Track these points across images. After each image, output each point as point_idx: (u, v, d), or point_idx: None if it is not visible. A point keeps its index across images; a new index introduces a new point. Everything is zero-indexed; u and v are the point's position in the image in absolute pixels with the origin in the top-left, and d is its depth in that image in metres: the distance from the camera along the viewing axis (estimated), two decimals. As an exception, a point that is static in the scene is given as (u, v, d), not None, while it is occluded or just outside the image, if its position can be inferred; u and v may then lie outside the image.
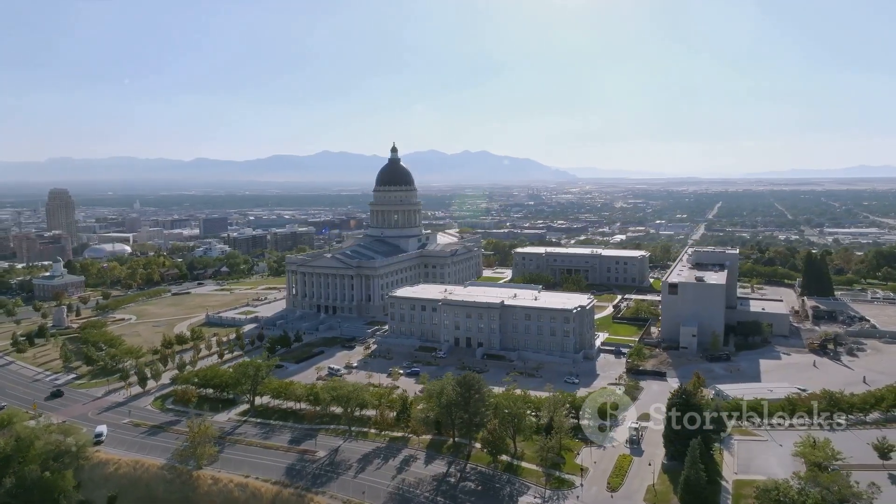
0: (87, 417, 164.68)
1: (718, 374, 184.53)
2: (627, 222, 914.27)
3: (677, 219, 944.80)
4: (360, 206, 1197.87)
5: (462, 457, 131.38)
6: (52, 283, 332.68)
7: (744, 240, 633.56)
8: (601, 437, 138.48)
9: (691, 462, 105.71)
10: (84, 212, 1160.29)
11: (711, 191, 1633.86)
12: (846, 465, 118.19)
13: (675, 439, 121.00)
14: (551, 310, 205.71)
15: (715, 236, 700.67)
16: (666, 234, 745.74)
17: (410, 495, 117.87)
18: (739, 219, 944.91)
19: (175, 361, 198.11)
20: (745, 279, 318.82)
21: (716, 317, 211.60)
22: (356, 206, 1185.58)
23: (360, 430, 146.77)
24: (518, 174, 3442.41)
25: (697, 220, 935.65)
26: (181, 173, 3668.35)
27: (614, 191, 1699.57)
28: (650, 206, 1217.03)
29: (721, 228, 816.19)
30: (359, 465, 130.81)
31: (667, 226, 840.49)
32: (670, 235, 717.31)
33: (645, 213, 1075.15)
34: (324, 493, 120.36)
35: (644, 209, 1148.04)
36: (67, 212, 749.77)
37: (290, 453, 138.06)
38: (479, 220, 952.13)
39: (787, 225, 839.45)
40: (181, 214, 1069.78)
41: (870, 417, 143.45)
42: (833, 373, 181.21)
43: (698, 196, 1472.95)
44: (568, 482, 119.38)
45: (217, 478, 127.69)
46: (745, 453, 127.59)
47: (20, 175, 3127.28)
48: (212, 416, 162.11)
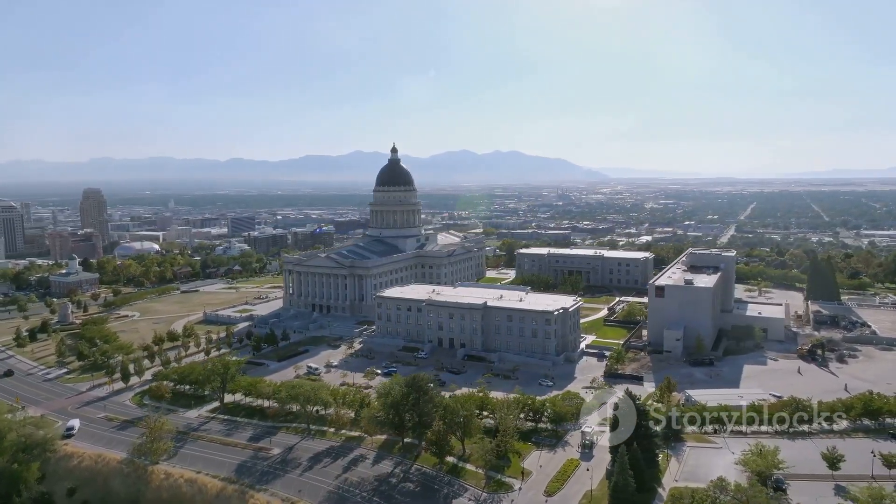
0: (66, 411, 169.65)
1: (698, 378, 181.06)
2: (656, 223, 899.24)
3: (708, 220, 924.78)
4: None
5: (411, 458, 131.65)
6: (67, 280, 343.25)
7: (773, 242, 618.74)
8: (555, 440, 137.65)
9: (620, 468, 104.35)
10: (120, 210, 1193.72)
11: (747, 191, 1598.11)
12: (791, 474, 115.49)
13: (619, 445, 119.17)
14: (533, 311, 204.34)
15: (744, 238, 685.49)
16: (694, 235, 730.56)
17: (349, 495, 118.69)
18: (773, 220, 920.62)
19: (161, 358, 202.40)
20: (753, 282, 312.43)
21: (703, 320, 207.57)
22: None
23: (320, 429, 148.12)
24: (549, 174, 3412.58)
25: (728, 221, 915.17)
26: (217, 173, 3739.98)
27: (646, 191, 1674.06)
28: (681, 206, 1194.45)
29: (752, 230, 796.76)
30: (308, 463, 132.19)
31: (696, 227, 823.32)
32: (698, 237, 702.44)
33: (675, 213, 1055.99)
34: (266, 490, 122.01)
35: (674, 210, 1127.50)
36: (100, 210, 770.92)
37: (246, 450, 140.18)
38: (503, 220, 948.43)
39: (822, 227, 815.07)
40: (212, 213, 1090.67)
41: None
42: (816, 380, 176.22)
43: (732, 197, 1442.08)
44: (507, 485, 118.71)
45: (170, 473, 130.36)
46: (694, 461, 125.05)
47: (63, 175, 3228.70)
48: (184, 412, 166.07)
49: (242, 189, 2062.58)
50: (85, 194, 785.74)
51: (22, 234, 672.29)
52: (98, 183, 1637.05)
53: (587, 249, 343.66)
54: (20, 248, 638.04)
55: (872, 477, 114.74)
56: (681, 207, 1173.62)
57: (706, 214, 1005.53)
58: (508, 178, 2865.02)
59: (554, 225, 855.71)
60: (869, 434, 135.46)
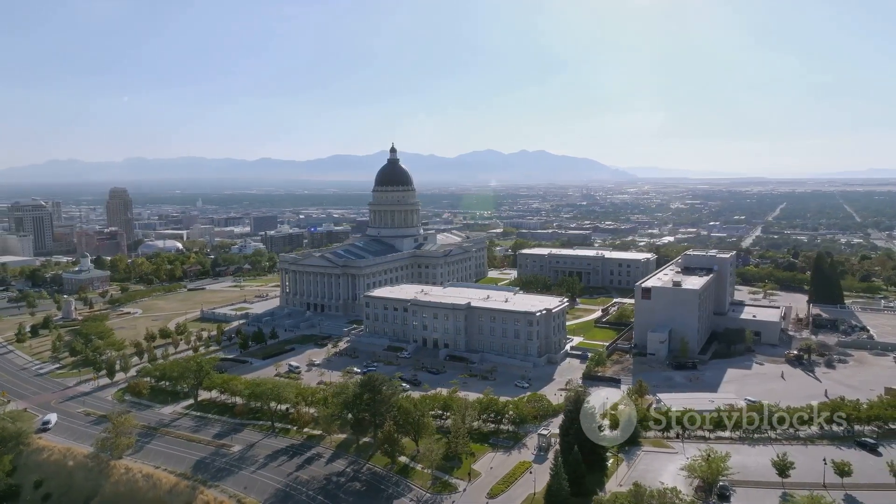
0: (49, 405, 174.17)
1: (678, 382, 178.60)
2: (680, 224, 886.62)
3: (734, 220, 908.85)
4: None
5: (365, 457, 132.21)
6: (79, 278, 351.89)
7: (800, 243, 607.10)
8: (513, 442, 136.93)
9: (554, 472, 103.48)
10: (150, 209, 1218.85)
11: (777, 191, 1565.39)
12: (740, 480, 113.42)
13: (567, 448, 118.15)
14: (515, 312, 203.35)
15: (769, 239, 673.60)
16: (718, 236, 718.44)
17: (295, 492, 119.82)
18: (801, 221, 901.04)
19: (149, 355, 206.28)
20: (759, 284, 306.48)
21: (690, 323, 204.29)
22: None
23: (285, 427, 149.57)
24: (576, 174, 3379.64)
25: (755, 221, 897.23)
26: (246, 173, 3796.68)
27: (674, 191, 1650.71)
28: (708, 207, 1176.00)
29: (779, 231, 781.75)
30: (265, 460, 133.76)
31: (721, 227, 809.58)
32: (722, 238, 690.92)
33: (701, 214, 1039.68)
34: (217, 486, 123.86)
35: (700, 210, 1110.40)
36: (126, 209, 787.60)
37: (209, 447, 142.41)
38: (525, 220, 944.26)
39: (853, 228, 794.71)
40: (238, 213, 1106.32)
41: (804, 433, 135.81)
42: (798, 385, 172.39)
43: (762, 197, 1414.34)
44: (452, 486, 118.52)
45: (130, 467, 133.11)
46: (645, 465, 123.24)
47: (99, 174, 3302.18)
48: (160, 408, 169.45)
49: (270, 188, 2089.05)
50: (111, 193, 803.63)
51: (51, 232, 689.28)
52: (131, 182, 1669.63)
53: (588, 250, 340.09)
54: (49, 246, 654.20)
55: (824, 485, 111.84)
56: (707, 208, 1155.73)
57: (733, 215, 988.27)
58: (534, 178, 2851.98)
59: (575, 225, 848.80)
60: (834, 441, 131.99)
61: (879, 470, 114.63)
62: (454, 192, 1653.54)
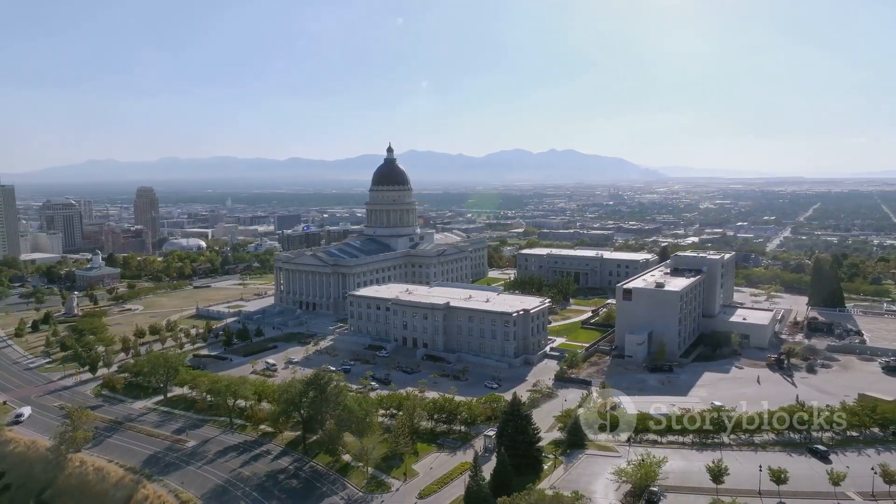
0: (29, 399, 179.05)
1: (650, 385, 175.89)
2: (707, 224, 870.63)
3: (763, 221, 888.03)
4: (435, 205, 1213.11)
5: (311, 455, 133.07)
6: (90, 275, 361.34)
7: (829, 244, 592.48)
8: (460, 443, 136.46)
9: (473, 473, 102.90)
10: (180, 208, 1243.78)
11: (813, 191, 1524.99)
12: (673, 486, 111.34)
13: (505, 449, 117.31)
14: (492, 313, 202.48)
15: (797, 240, 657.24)
16: (743, 236, 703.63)
17: (232, 488, 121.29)
18: (834, 221, 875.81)
19: (134, 351, 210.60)
20: (764, 286, 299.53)
21: (670, 325, 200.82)
22: (432, 205, 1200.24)
23: (243, 424, 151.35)
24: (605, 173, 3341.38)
25: (786, 222, 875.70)
26: (276, 172, 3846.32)
27: (705, 191, 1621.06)
28: (738, 207, 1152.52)
29: (808, 232, 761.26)
30: (214, 456, 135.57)
31: (748, 228, 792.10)
32: (748, 238, 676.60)
33: (729, 214, 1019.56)
34: (160, 480, 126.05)
35: (729, 210, 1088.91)
36: (152, 208, 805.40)
37: (165, 441, 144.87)
38: (548, 220, 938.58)
39: (888, 229, 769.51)
40: (265, 211, 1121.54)
41: (759, 439, 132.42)
42: (771, 389, 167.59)
43: (795, 197, 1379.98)
44: (386, 486, 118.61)
45: (84, 460, 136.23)
46: (582, 469, 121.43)
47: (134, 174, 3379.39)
48: (132, 403, 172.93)
49: (299, 188, 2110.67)
50: (139, 193, 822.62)
51: (80, 231, 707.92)
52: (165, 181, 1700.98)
53: (587, 250, 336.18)
54: (78, 244, 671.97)
55: (759, 492, 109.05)
56: (737, 208, 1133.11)
57: (762, 215, 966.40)
58: (563, 178, 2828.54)
59: (598, 225, 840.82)
60: (787, 447, 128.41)
61: (822, 478, 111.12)
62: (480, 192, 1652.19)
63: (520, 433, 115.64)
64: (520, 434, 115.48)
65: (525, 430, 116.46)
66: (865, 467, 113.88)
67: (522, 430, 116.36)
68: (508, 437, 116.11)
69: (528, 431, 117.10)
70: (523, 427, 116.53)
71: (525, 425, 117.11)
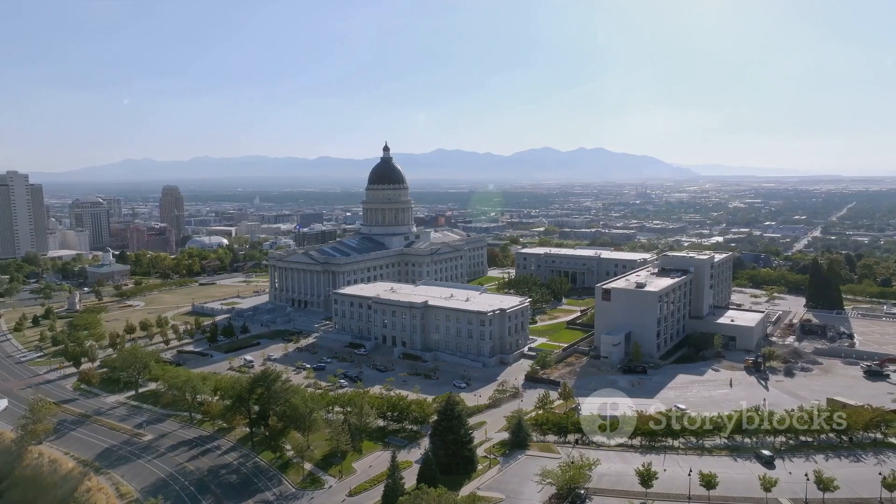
0: (10, 392, 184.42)
1: (621, 387, 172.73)
2: (734, 223, 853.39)
3: (793, 220, 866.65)
4: (461, 204, 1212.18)
5: (258, 451, 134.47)
6: (101, 271, 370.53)
7: (858, 244, 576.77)
8: (408, 442, 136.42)
9: (390, 472, 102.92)
10: (210, 206, 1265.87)
11: (850, 190, 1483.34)
12: (601, 489, 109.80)
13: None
14: (468, 312, 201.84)
15: (826, 240, 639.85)
16: (770, 236, 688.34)
17: (173, 482, 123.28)
18: (868, 221, 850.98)
19: (120, 346, 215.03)
20: (767, 287, 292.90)
21: (649, 326, 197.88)
22: (457, 204, 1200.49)
23: (203, 419, 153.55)
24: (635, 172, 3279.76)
25: (817, 222, 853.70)
26: (305, 171, 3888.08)
27: (736, 190, 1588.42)
28: (768, 206, 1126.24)
29: (839, 232, 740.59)
30: (165, 450, 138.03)
31: (777, 228, 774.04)
32: (775, 238, 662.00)
33: (758, 213, 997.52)
34: (107, 473, 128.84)
35: (759, 210, 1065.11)
36: (177, 206, 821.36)
37: (124, 435, 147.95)
38: (571, 220, 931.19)
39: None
40: (291, 209, 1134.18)
41: (710, 443, 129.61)
42: (742, 393, 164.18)
43: (830, 196, 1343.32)
44: (320, 482, 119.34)
45: (42, 452, 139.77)
46: (517, 470, 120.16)
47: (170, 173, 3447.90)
48: (105, 397, 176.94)
49: (327, 186, 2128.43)
50: (164, 191, 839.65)
51: (108, 229, 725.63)
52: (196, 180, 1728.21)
53: (586, 250, 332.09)
54: (105, 241, 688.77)
55: (689, 497, 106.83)
56: (767, 207, 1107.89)
57: (793, 215, 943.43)
58: (591, 176, 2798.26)
59: (621, 224, 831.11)
60: (735, 452, 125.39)
61: (756, 483, 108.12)
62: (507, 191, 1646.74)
63: (451, 433, 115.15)
64: (450, 433, 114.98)
65: (456, 430, 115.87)
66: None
67: (454, 429, 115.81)
68: (439, 436, 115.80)
69: (459, 431, 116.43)
70: (455, 427, 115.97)
71: (457, 425, 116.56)
